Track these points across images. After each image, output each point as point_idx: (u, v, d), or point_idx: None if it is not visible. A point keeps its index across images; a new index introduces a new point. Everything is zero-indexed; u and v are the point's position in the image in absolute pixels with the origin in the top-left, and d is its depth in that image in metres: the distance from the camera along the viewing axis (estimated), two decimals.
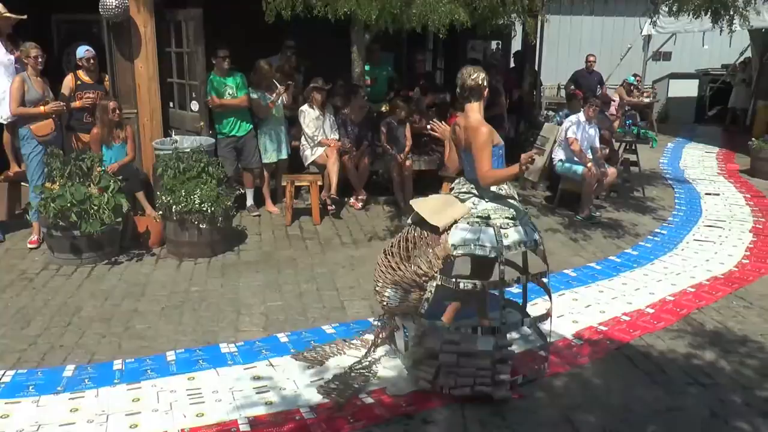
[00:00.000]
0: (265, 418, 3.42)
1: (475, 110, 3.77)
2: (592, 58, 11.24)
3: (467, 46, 10.64)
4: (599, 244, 6.51)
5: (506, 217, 3.65)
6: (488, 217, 3.63)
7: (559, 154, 7.66)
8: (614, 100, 11.31)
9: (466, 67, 3.87)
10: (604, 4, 12.01)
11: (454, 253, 3.60)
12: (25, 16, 6.16)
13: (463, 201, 3.77)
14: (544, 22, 7.63)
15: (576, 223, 7.14)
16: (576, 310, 4.85)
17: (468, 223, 3.65)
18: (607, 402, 3.63)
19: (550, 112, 11.21)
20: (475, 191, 3.77)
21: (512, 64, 10.62)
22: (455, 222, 3.66)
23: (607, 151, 8.11)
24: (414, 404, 3.56)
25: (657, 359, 4.12)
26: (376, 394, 3.66)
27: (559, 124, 8.21)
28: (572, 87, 11.16)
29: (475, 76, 3.76)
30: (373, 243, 6.37)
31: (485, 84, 3.78)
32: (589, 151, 7.42)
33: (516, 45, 10.48)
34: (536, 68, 10.34)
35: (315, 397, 3.63)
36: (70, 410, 3.49)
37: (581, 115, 7.47)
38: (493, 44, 11.49)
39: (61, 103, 6.10)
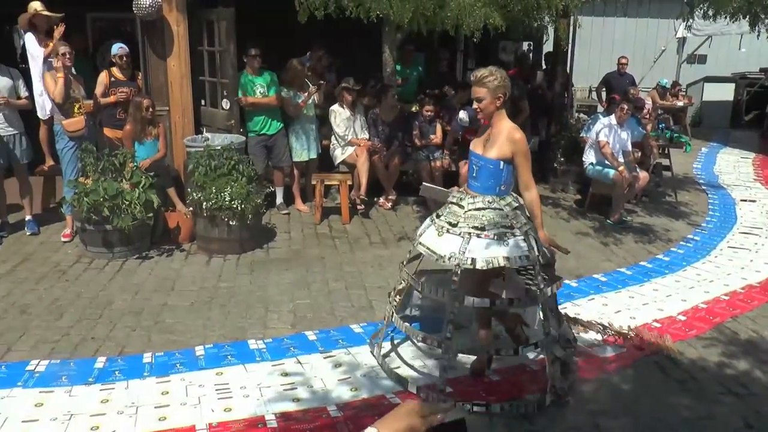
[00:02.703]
0: (292, 415, 3.44)
1: None
2: (624, 60, 11.10)
3: (498, 47, 10.57)
4: (630, 249, 6.42)
5: None
6: None
7: (590, 157, 7.55)
8: (647, 104, 11.16)
9: (481, 69, 3.60)
10: (638, 5, 11.83)
11: None
12: (62, 15, 6.26)
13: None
14: (576, 24, 7.52)
15: (606, 227, 7.05)
16: (605, 315, 4.77)
17: None
18: (635, 408, 3.58)
19: (582, 115, 11.09)
20: None
21: (544, 66, 10.53)
22: None
23: (639, 154, 7.99)
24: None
25: (688, 367, 4.06)
26: (402, 394, 3.66)
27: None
28: (604, 89, 11.04)
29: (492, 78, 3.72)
30: (402, 243, 6.35)
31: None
32: (621, 154, 7.31)
33: (548, 46, 10.38)
34: (568, 70, 10.23)
35: (343, 394, 3.64)
36: (101, 401, 3.55)
37: (612, 118, 7.37)
38: (525, 45, 11.39)
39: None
